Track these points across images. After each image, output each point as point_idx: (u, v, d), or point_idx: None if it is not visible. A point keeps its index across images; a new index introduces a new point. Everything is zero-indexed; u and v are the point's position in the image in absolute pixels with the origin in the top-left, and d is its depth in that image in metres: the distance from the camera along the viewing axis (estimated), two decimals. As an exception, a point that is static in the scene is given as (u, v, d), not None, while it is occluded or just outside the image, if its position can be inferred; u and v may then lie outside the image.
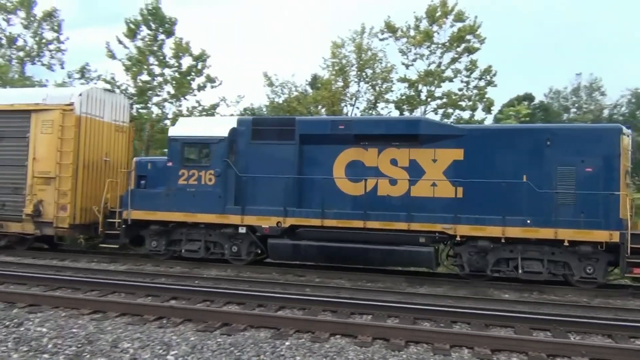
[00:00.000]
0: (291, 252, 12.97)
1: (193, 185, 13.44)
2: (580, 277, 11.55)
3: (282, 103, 26.02)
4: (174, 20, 28.90)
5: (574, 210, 11.49)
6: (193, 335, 6.96)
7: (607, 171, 11.49)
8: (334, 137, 13.03)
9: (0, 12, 33.61)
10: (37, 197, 14.47)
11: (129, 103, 17.93)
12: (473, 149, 12.26)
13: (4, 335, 6.68)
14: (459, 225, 11.89)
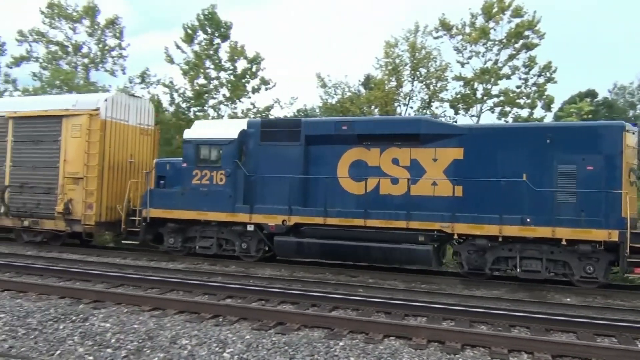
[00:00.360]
0: (296, 249, 13.36)
1: (205, 185, 14.01)
2: (581, 276, 11.37)
3: (335, 104, 26.05)
4: (229, 24, 29.49)
5: (575, 209, 11.35)
6: (248, 334, 7.07)
7: (609, 169, 11.27)
8: (337, 138, 13.28)
9: (66, 21, 35.26)
10: (67, 196, 15.32)
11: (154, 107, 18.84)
12: (473, 148, 12.28)
13: (71, 330, 7.00)
14: (457, 223, 11.91)
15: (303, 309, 8.69)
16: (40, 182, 15.79)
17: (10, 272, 11.36)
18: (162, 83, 30.41)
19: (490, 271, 12.04)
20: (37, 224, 15.82)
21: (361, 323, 7.59)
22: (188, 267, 13.30)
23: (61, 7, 34.86)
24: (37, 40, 35.39)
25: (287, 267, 13.50)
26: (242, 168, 13.77)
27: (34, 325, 7.16)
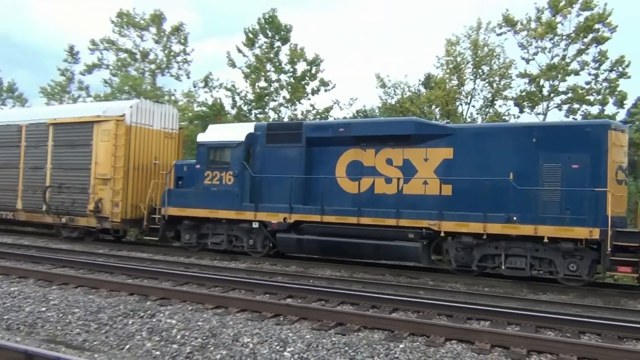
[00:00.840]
0: (296, 245, 14.03)
1: (216, 184, 14.91)
2: (565, 274, 11.43)
3: (395, 104, 25.84)
4: (289, 27, 29.84)
5: (560, 207, 11.48)
6: (308, 333, 7.11)
7: (594, 168, 11.34)
8: (336, 140, 13.94)
9: (135, 29, 36.76)
10: (98, 195, 16.64)
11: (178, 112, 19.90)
12: (462, 148, 12.59)
13: (139, 325, 7.28)
14: (444, 221, 12.21)
15: (363, 310, 8.66)
16: (75, 183, 17.18)
17: (84, 269, 11.95)
18: (225, 87, 31.15)
19: (478, 268, 12.24)
20: (73, 220, 17.22)
21: (422, 326, 7.48)
22: (250, 267, 13.54)
23: (130, 16, 36.41)
24: (108, 48, 37.12)
25: (347, 267, 13.50)
26: (248, 169, 14.56)
27: (105, 320, 7.50)
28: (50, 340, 6.74)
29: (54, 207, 17.42)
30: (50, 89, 38.12)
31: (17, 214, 18.45)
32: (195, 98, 35.41)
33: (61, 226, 17.71)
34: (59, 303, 8.38)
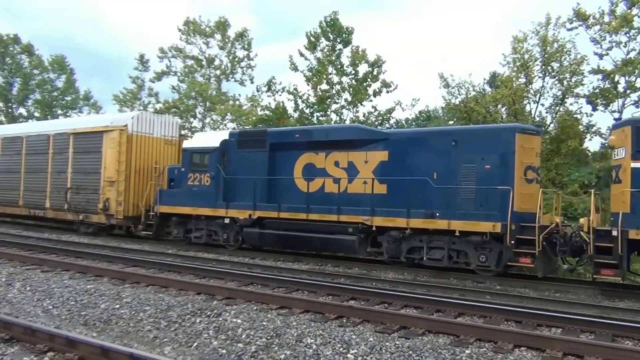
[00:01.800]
0: (259, 239, 15.65)
1: (197, 185, 16.83)
2: (477, 265, 12.49)
3: (459, 104, 25.28)
4: (350, 29, 29.86)
5: (474, 204, 12.54)
6: (372, 336, 7.06)
7: (503, 167, 12.35)
8: (293, 145, 15.47)
9: (201, 36, 37.90)
10: (106, 195, 18.92)
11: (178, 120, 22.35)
12: (395, 151, 13.86)
13: (206, 324, 7.47)
14: (375, 217, 13.60)
15: (427, 314, 8.52)
16: (89, 185, 19.55)
17: (154, 269, 12.41)
18: (287, 90, 31.54)
19: (406, 259, 13.42)
20: (88, 217, 19.62)
21: (489, 331, 7.27)
22: (312, 268, 13.63)
23: (196, 24, 37.57)
24: (175, 55, 38.48)
25: (410, 270, 13.34)
26: (221, 171, 16.35)
27: (174, 319, 7.75)
28: (124, 336, 7.03)
29: (73, 206, 19.92)
30: (122, 96, 39.95)
31: (46, 212, 21.07)
32: (258, 102, 36.08)
33: (79, 222, 20.09)
34: (131, 301, 8.74)
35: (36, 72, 45.60)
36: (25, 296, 9.10)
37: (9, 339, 6.17)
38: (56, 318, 7.79)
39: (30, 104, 45.79)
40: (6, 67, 45.08)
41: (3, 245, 15.57)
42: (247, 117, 34.59)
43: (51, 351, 5.78)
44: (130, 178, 18.81)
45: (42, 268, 11.87)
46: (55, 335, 5.95)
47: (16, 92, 45.32)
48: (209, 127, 35.78)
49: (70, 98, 46.29)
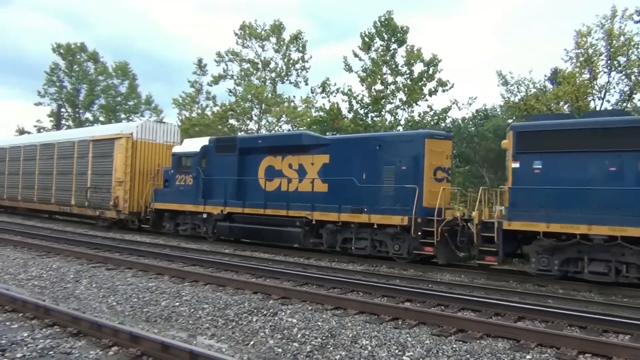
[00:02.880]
0: (228, 231, 17.79)
1: (182, 185, 19.29)
2: (393, 252, 14.33)
3: (519, 102, 24.53)
4: (405, 29, 29.59)
5: (393, 200, 14.36)
6: (428, 339, 6.96)
7: (415, 168, 14.17)
8: (257, 149, 17.70)
9: (256, 40, 38.50)
10: (115, 194, 21.43)
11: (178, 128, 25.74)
12: (335, 155, 15.76)
13: (262, 323, 7.57)
14: (315, 212, 15.56)
15: (485, 317, 8.31)
16: (103, 184, 22.14)
17: (212, 268, 12.70)
18: (341, 91, 31.57)
19: (341, 249, 15.31)
20: (103, 213, 22.22)
21: (551, 336, 7.01)
22: (367, 269, 13.58)
23: (252, 28, 38.21)
24: (232, 59, 39.25)
25: (467, 273, 13.06)
26: (201, 172, 18.61)
27: (231, 317, 7.89)
28: (183, 333, 7.22)
29: (92, 203, 22.64)
30: (181, 99, 41.13)
31: (72, 208, 24.06)
32: (313, 104, 36.30)
33: (97, 217, 22.78)
34: (191, 299, 8.97)
35: (101, 78, 47.65)
36: (92, 292, 9.51)
37: (77, 333, 6.46)
38: (120, 314, 8.09)
39: (96, 108, 47.89)
40: (74, 74, 47.35)
41: (72, 244, 16.36)
42: (301, 119, 34.89)
43: (115, 346, 6.01)
44: (135, 178, 21.39)
45: (107, 266, 12.39)
46: (119, 330, 6.18)
47: (83, 98, 47.49)
48: (265, 129, 36.33)
49: (132, 103, 48.10)
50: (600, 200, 11.07)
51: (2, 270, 11.55)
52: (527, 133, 12.27)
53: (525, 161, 12.11)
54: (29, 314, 7.25)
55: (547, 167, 11.88)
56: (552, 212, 11.50)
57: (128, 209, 21.17)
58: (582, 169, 11.49)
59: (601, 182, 11.23)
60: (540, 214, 11.62)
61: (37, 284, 10.18)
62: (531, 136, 12.19)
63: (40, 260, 12.90)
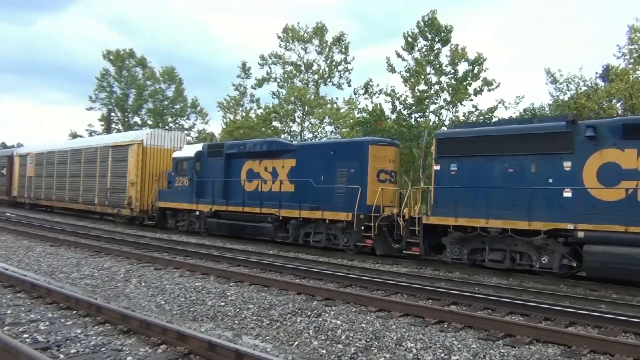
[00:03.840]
0: (216, 227, 20.17)
1: (180, 186, 21.71)
2: (342, 245, 16.28)
3: (568, 100, 23.80)
4: (449, 28, 29.17)
5: (343, 199, 16.21)
6: (474, 343, 6.82)
7: (361, 171, 16.08)
8: (240, 154, 19.81)
9: (299, 42, 38.72)
10: (129, 194, 24.16)
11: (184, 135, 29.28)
12: (300, 159, 17.84)
13: (306, 324, 7.59)
14: (282, 209, 17.68)
15: (535, 322, 8.08)
16: (120, 185, 24.91)
17: (256, 269, 12.84)
18: (384, 92, 31.38)
19: (304, 242, 17.38)
20: (120, 211, 24.94)
21: (606, 343, 6.75)
22: (411, 271, 13.43)
23: (295, 31, 38.46)
24: (275, 62, 39.60)
25: (515, 276, 12.73)
26: (195, 175, 20.95)
27: (275, 317, 7.95)
28: (229, 332, 7.32)
29: (111, 202, 25.46)
30: (225, 103, 41.78)
31: (95, 207, 27.04)
32: (355, 105, 36.23)
33: (115, 215, 25.68)
34: (236, 299, 9.09)
35: (149, 83, 48.96)
36: (141, 292, 9.76)
37: (127, 330, 6.64)
38: (168, 313, 8.28)
39: (144, 112, 49.24)
40: (123, 79, 48.86)
41: (122, 244, 16.86)
42: (344, 120, 34.87)
43: (164, 344, 6.14)
44: (145, 180, 24.05)
45: (155, 266, 12.70)
46: (167, 329, 6.32)
47: (131, 102, 48.92)
48: (308, 130, 36.53)
49: (179, 106, 49.21)
50: (498, 198, 12.82)
51: (57, 269, 12.01)
52: (445, 139, 14.31)
53: (444, 164, 14.07)
54: (82, 312, 7.51)
55: (461, 169, 13.72)
56: (461, 208, 13.38)
57: (139, 207, 23.85)
58: (488, 171, 13.26)
59: (501, 182, 12.97)
60: (452, 210, 13.57)
61: (89, 283, 10.53)
62: (448, 142, 14.14)
63: (92, 260, 13.35)
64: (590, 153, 11.83)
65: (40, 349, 5.75)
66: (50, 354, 5.73)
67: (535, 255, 12.43)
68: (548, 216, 12.09)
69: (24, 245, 15.77)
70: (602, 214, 11.38)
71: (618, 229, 11.10)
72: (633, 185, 11.18)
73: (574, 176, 11.98)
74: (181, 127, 49.61)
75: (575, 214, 11.72)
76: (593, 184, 11.72)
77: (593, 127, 11.82)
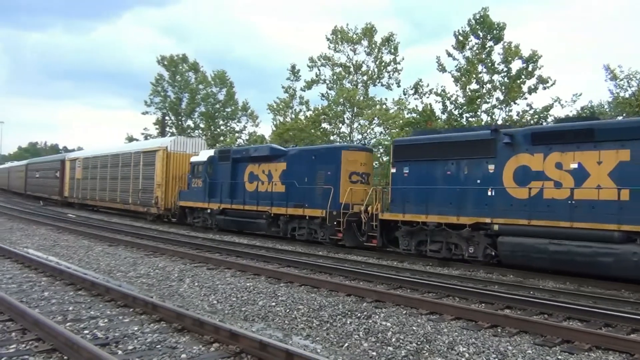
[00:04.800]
0: (224, 222, 22.51)
1: (195, 187, 24.34)
2: (321, 238, 18.33)
3: (630, 98, 22.77)
4: (502, 25, 28.48)
5: (322, 198, 18.18)
6: (530, 348, 6.63)
7: (335, 173, 18.26)
8: (243, 159, 22.30)
9: (348, 44, 38.69)
10: (156, 194, 27.06)
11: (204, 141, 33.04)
12: (290, 163, 20.12)
13: (356, 325, 7.57)
14: (272, 207, 20.00)
15: (594, 328, 7.77)
16: (149, 187, 27.85)
17: (306, 270, 12.90)
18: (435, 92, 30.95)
19: (291, 236, 19.70)
20: (149, 210, 27.91)
21: (671, 351, 6.42)
22: (463, 274, 13.18)
23: (344, 32, 38.45)
24: (324, 64, 39.69)
25: (572, 280, 12.28)
26: (207, 177, 23.43)
27: (325, 318, 7.97)
28: (279, 332, 7.39)
29: (142, 202, 28.42)
30: (275, 105, 42.22)
31: (130, 206, 30.11)
32: (405, 105, 35.87)
33: (145, 213, 28.42)
34: (286, 299, 9.17)
35: (201, 87, 50.06)
36: (194, 291, 9.99)
37: (181, 329, 6.82)
38: (220, 312, 8.43)
39: (196, 116, 50.39)
40: (176, 84, 50.15)
41: (176, 244, 17.31)
42: (393, 121, 34.60)
43: (216, 342, 6.26)
44: (169, 182, 26.92)
45: (208, 266, 12.97)
46: (220, 328, 6.43)
47: (184, 106, 50.16)
48: (357, 132, 36.43)
49: (230, 109, 50.10)
50: (437, 197, 14.85)
51: (115, 268, 12.46)
52: (400, 146, 16.40)
53: (399, 167, 16.11)
54: (138, 309, 7.76)
55: (411, 171, 15.73)
56: (408, 205, 15.50)
57: (163, 206, 26.85)
58: (432, 173, 15.21)
59: (442, 183, 14.93)
60: (402, 207, 15.65)
61: (145, 282, 10.87)
62: (403, 148, 16.21)
63: (147, 260, 13.77)
64: (508, 157, 13.65)
65: (99, 345, 5.97)
66: (109, 350, 5.95)
67: (465, 245, 14.28)
68: (474, 212, 14.03)
69: (84, 245, 16.44)
70: (515, 210, 13.24)
71: (523, 222, 12.94)
72: (540, 185, 12.92)
73: (496, 177, 13.83)
74: (232, 129, 50.51)
75: (495, 210, 13.65)
76: (510, 184, 13.55)
77: (510, 134, 13.61)
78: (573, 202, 12.14)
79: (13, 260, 12.64)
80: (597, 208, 11.81)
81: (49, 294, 8.89)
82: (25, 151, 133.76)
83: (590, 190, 11.95)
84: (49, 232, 20.44)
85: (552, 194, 12.61)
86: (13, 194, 57.10)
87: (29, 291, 9.17)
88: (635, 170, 11.44)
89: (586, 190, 12.03)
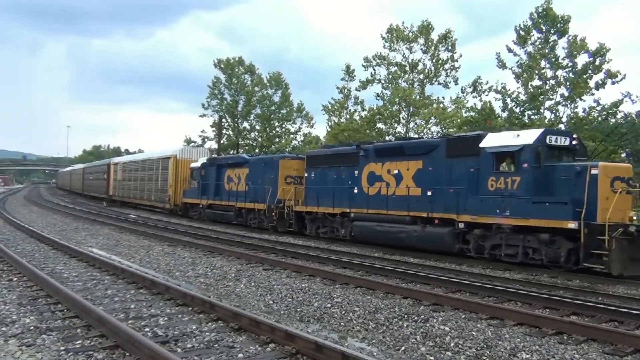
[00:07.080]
0: (211, 215, 28.05)
1: (193, 187, 30.42)
2: (265, 225, 23.95)
3: None
4: (566, 18, 27.40)
5: (266, 195, 23.39)
6: (599, 357, 6.29)
7: (275, 177, 23.65)
8: (224, 165, 28.11)
9: (404, 42, 38.24)
10: (168, 193, 33.41)
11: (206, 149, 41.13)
12: (251, 168, 25.70)
13: (413, 329, 7.41)
14: (237, 202, 25.70)
15: (670, 338, 7.27)
16: (164, 187, 34.21)
17: (362, 271, 12.79)
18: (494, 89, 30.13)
19: (250, 224, 25.08)
20: (164, 205, 34.09)
21: None
22: (526, 278, 12.69)
23: (399, 30, 38.05)
24: (379, 63, 39.41)
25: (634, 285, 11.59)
26: (200, 180, 29.27)
27: (381, 321, 7.84)
28: (335, 334, 7.33)
29: (159, 199, 34.86)
30: (330, 106, 42.27)
31: (151, 202, 36.88)
32: (463, 104, 35.11)
33: (162, 208, 34.71)
34: (342, 301, 9.10)
35: (257, 89, 50.81)
36: (250, 291, 10.09)
37: (238, 328, 6.87)
38: (276, 312, 8.46)
39: (252, 118, 51.16)
40: (233, 86, 51.09)
41: (232, 244, 17.59)
42: (451, 120, 33.92)
43: (272, 343, 6.27)
44: (177, 183, 33.07)
45: (264, 266, 13.09)
46: (276, 328, 6.44)
47: (241, 109, 51.05)
48: (413, 131, 35.92)
49: (285, 111, 50.59)
50: (325, 194, 20.20)
51: (174, 267, 12.77)
52: (310, 156, 22.34)
53: (309, 172, 21.72)
54: (196, 309, 7.89)
55: (315, 175, 21.38)
56: (310, 200, 21.15)
57: (173, 203, 33.13)
58: (325, 177, 20.84)
59: (330, 184, 20.26)
60: (308, 202, 21.31)
61: (203, 281, 11.07)
62: (311, 158, 22.08)
63: (205, 260, 14.04)
64: (364, 165, 19.14)
65: (160, 343, 6.09)
66: (168, 348, 6.06)
67: (339, 228, 19.93)
68: (343, 204, 19.48)
69: (144, 245, 16.97)
70: (364, 202, 18.62)
71: (363, 210, 18.57)
72: (380, 185, 18.34)
73: (359, 180, 19.22)
74: (287, 131, 50.95)
75: (357, 202, 19.00)
76: (365, 184, 18.95)
77: (365, 149, 19.12)
78: (394, 197, 17.62)
79: (79, 259, 13.19)
80: (400, 201, 17.31)
81: (112, 292, 9.20)
82: (90, 154, 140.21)
83: (402, 188, 17.45)
84: (111, 232, 21.28)
85: (386, 191, 17.99)
86: (75, 194, 65.87)
87: (93, 289, 9.52)
88: (426, 174, 16.76)
89: (400, 189, 17.53)
